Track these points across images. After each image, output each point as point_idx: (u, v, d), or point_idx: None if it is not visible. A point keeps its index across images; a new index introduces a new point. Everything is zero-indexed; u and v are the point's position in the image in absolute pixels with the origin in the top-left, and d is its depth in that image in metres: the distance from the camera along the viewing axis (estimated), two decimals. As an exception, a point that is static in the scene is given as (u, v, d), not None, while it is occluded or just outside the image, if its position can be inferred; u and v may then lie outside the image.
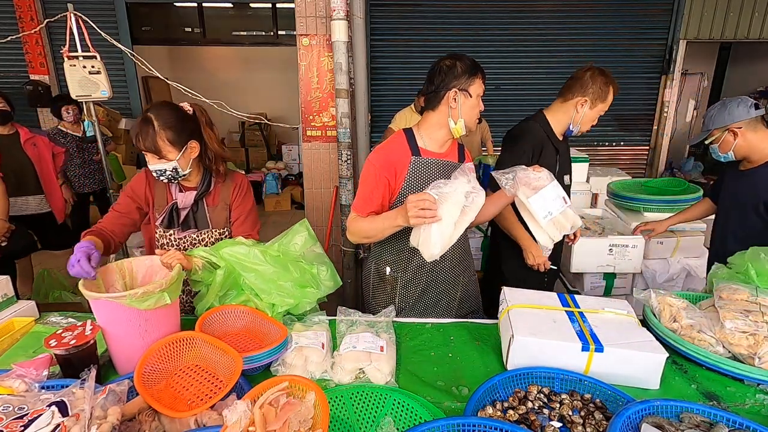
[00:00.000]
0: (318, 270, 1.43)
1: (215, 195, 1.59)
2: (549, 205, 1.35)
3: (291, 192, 6.76)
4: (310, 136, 2.78)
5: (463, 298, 1.68)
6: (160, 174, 1.43)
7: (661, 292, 1.38)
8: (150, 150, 1.39)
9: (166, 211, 1.52)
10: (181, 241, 1.56)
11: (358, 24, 2.44)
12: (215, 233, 1.58)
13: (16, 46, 4.36)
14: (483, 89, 1.45)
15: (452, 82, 1.41)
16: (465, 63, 1.42)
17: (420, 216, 1.17)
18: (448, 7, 4.60)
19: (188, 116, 1.47)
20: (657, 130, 5.09)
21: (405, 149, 1.48)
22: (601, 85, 1.80)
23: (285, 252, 1.41)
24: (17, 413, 0.82)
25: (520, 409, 0.99)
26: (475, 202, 1.22)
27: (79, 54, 3.00)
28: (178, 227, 1.53)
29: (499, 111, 4.75)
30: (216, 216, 1.58)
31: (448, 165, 1.51)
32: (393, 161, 1.46)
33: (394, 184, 1.47)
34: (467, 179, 1.21)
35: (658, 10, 4.68)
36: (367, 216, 1.46)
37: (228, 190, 1.60)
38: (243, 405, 0.83)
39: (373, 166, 1.47)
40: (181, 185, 1.55)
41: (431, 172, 1.48)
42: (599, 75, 1.81)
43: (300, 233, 1.44)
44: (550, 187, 1.35)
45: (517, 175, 1.36)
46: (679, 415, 0.92)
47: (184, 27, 5.27)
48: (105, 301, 1.06)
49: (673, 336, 1.24)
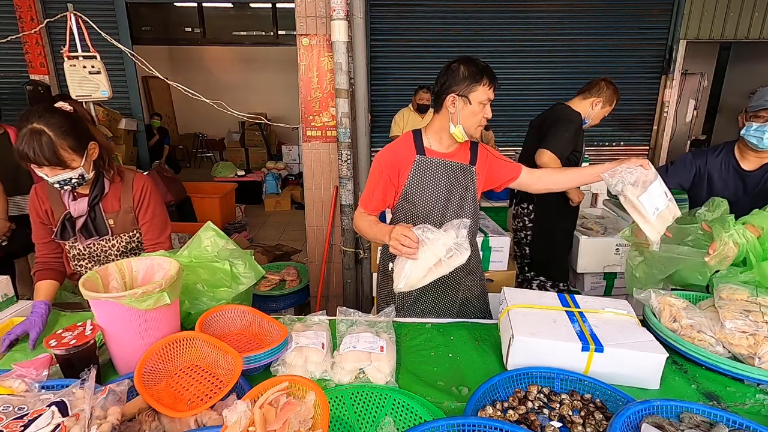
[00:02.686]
0: (233, 265, 1.39)
1: (113, 200, 1.51)
2: (656, 201, 1.34)
3: (291, 192, 6.76)
4: (310, 136, 2.77)
5: (465, 300, 1.67)
6: (64, 184, 1.34)
7: (661, 292, 1.38)
8: (52, 162, 1.28)
9: (58, 224, 1.46)
10: (90, 249, 1.51)
11: (358, 24, 2.44)
12: (124, 238, 1.54)
13: (16, 46, 4.36)
14: (489, 96, 1.39)
15: (452, 87, 1.39)
16: (470, 68, 1.37)
17: (397, 248, 1.23)
18: (448, 7, 4.60)
19: (78, 117, 1.38)
20: (657, 130, 5.08)
21: (410, 148, 1.50)
22: (611, 92, 2.34)
23: (197, 256, 1.37)
24: (17, 413, 0.82)
25: (520, 409, 0.99)
26: (452, 261, 1.24)
27: (79, 54, 3.00)
28: (73, 236, 1.48)
29: (499, 111, 4.75)
30: (120, 221, 1.51)
31: (453, 166, 1.50)
32: (397, 160, 1.49)
33: (397, 182, 1.50)
34: (455, 235, 1.23)
35: (658, 10, 4.67)
36: (370, 214, 1.53)
37: (128, 195, 1.53)
38: (243, 405, 0.83)
39: (378, 163, 1.51)
40: (74, 192, 1.46)
41: (435, 172, 1.49)
42: (610, 84, 2.36)
43: (207, 236, 1.41)
44: (656, 183, 1.34)
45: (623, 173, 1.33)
46: (679, 415, 0.91)
47: (184, 27, 5.28)
48: (105, 301, 1.06)
49: (673, 336, 1.24)
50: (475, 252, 1.69)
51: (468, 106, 1.39)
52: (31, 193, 1.48)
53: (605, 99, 2.35)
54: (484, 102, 1.39)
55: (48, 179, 1.33)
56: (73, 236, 1.49)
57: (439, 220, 1.50)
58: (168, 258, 1.25)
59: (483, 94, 1.38)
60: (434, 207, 1.51)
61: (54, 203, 1.47)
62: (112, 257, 1.55)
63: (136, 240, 1.58)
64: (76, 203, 1.46)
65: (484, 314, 1.72)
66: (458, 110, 1.40)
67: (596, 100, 2.35)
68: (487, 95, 1.39)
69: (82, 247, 1.51)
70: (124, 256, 1.57)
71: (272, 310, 2.68)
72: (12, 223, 2.61)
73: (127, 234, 1.55)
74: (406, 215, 1.54)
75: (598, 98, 2.35)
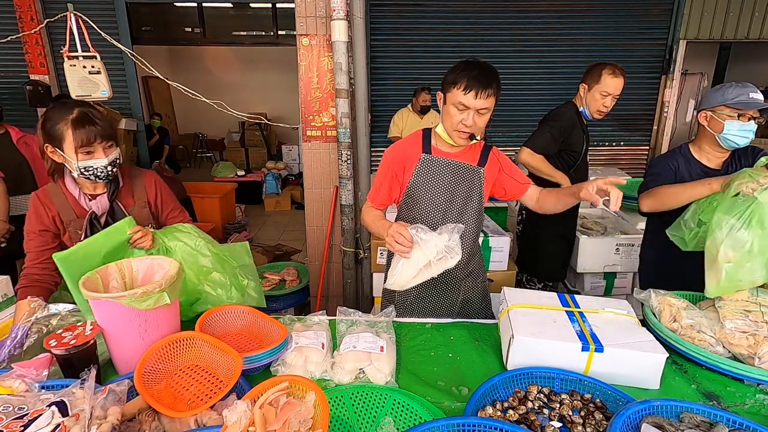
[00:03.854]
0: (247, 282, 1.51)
1: (127, 194, 1.54)
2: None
3: (291, 192, 6.76)
4: (310, 136, 2.77)
5: (465, 301, 1.66)
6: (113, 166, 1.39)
7: (661, 292, 1.37)
8: (111, 137, 1.36)
9: (86, 223, 1.45)
10: None
11: (358, 24, 2.44)
12: None
13: (16, 46, 4.36)
14: (464, 102, 1.31)
15: (443, 83, 1.40)
16: (456, 68, 1.34)
17: (392, 245, 1.27)
18: (448, 7, 4.60)
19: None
20: (657, 130, 5.08)
21: (418, 146, 1.52)
22: (598, 72, 2.20)
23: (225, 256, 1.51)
24: (17, 413, 0.82)
25: (520, 409, 0.99)
26: (441, 263, 1.25)
27: (79, 54, 3.00)
28: None
29: (498, 110, 4.75)
30: (137, 215, 1.52)
31: (459, 166, 1.50)
32: (404, 157, 1.52)
33: (402, 178, 1.53)
34: (448, 239, 1.23)
35: (658, 10, 4.67)
36: (377, 208, 1.57)
37: (141, 190, 1.57)
38: (243, 405, 0.83)
39: (386, 159, 1.55)
40: (88, 195, 1.47)
41: (440, 171, 1.50)
42: (598, 64, 2.23)
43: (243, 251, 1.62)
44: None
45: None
46: (679, 415, 0.91)
47: (184, 27, 5.27)
48: (105, 300, 1.06)
49: (673, 336, 1.24)
50: (477, 254, 1.68)
51: (445, 106, 1.39)
52: (33, 201, 1.44)
53: (589, 80, 2.23)
54: (459, 107, 1.33)
55: (100, 162, 1.36)
56: None
57: (441, 219, 1.50)
58: (168, 258, 1.26)
59: (456, 97, 1.32)
60: (437, 205, 1.51)
61: (61, 208, 1.45)
62: None
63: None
64: (96, 201, 1.47)
65: (486, 316, 1.71)
66: (441, 109, 1.41)
67: (582, 86, 2.28)
68: (461, 100, 1.31)
69: None
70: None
71: (272, 310, 2.68)
72: (12, 225, 2.61)
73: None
74: (409, 212, 1.55)
75: (582, 84, 2.28)
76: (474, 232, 1.58)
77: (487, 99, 1.31)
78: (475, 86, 1.29)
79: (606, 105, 2.22)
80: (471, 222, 1.53)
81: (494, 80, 1.32)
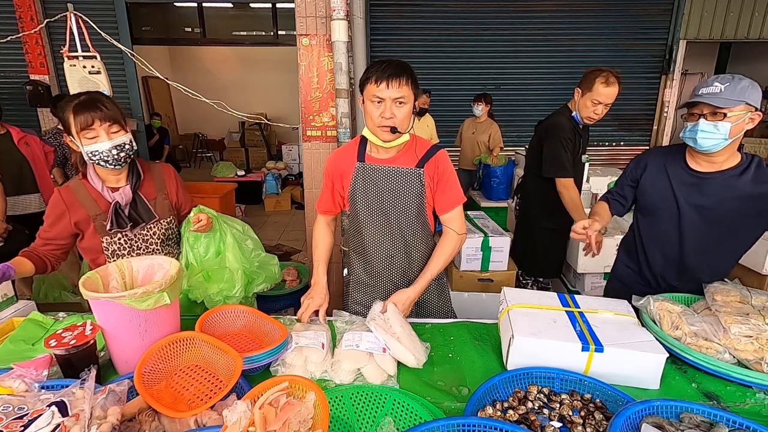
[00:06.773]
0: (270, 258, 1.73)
1: (149, 186, 1.55)
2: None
3: (291, 192, 6.77)
4: (310, 136, 2.77)
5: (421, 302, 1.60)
6: (120, 150, 1.39)
7: (659, 297, 1.35)
8: (115, 118, 1.37)
9: (111, 212, 1.45)
10: (132, 242, 1.51)
11: (358, 24, 2.44)
12: (163, 224, 1.57)
13: (16, 46, 4.36)
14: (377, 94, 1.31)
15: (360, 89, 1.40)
16: (368, 68, 1.35)
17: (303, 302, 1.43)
18: (447, 7, 4.61)
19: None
20: (657, 130, 5.09)
21: (353, 155, 1.50)
22: (590, 77, 2.19)
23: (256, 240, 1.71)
24: (17, 413, 0.82)
25: (520, 409, 0.99)
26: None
27: (79, 54, 3.00)
28: (127, 227, 1.48)
29: (498, 111, 4.75)
30: (159, 207, 1.55)
31: (395, 171, 1.45)
32: (340, 167, 1.52)
33: (340, 188, 1.54)
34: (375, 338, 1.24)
35: (658, 10, 4.68)
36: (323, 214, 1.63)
37: (161, 181, 1.59)
38: (243, 405, 0.83)
39: (326, 169, 1.57)
40: (110, 187, 1.48)
41: (375, 178, 1.46)
42: (594, 70, 2.20)
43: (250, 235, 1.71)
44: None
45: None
46: (679, 415, 0.91)
47: (184, 27, 5.27)
48: (105, 301, 1.06)
49: (680, 346, 1.19)
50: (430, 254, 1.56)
51: (364, 106, 1.39)
52: (55, 196, 1.45)
53: (583, 86, 2.22)
54: (374, 100, 1.33)
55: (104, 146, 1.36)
56: (127, 226, 1.48)
57: (382, 225, 1.50)
58: (168, 258, 1.26)
59: (371, 92, 1.33)
60: (377, 213, 1.49)
61: (86, 203, 1.45)
62: (151, 249, 1.55)
63: (173, 227, 1.62)
64: (119, 193, 1.47)
65: (446, 314, 1.66)
66: (364, 113, 1.41)
67: (576, 90, 2.27)
68: (374, 93, 1.32)
69: (125, 240, 1.49)
70: (163, 246, 1.59)
71: (272, 310, 2.67)
72: (9, 225, 2.61)
73: (165, 220, 1.58)
74: (354, 219, 1.55)
75: (577, 88, 2.27)
76: (422, 233, 1.52)
77: (400, 88, 1.31)
78: (385, 77, 1.30)
79: (597, 113, 2.22)
80: (416, 225, 1.49)
81: (405, 71, 1.32)
